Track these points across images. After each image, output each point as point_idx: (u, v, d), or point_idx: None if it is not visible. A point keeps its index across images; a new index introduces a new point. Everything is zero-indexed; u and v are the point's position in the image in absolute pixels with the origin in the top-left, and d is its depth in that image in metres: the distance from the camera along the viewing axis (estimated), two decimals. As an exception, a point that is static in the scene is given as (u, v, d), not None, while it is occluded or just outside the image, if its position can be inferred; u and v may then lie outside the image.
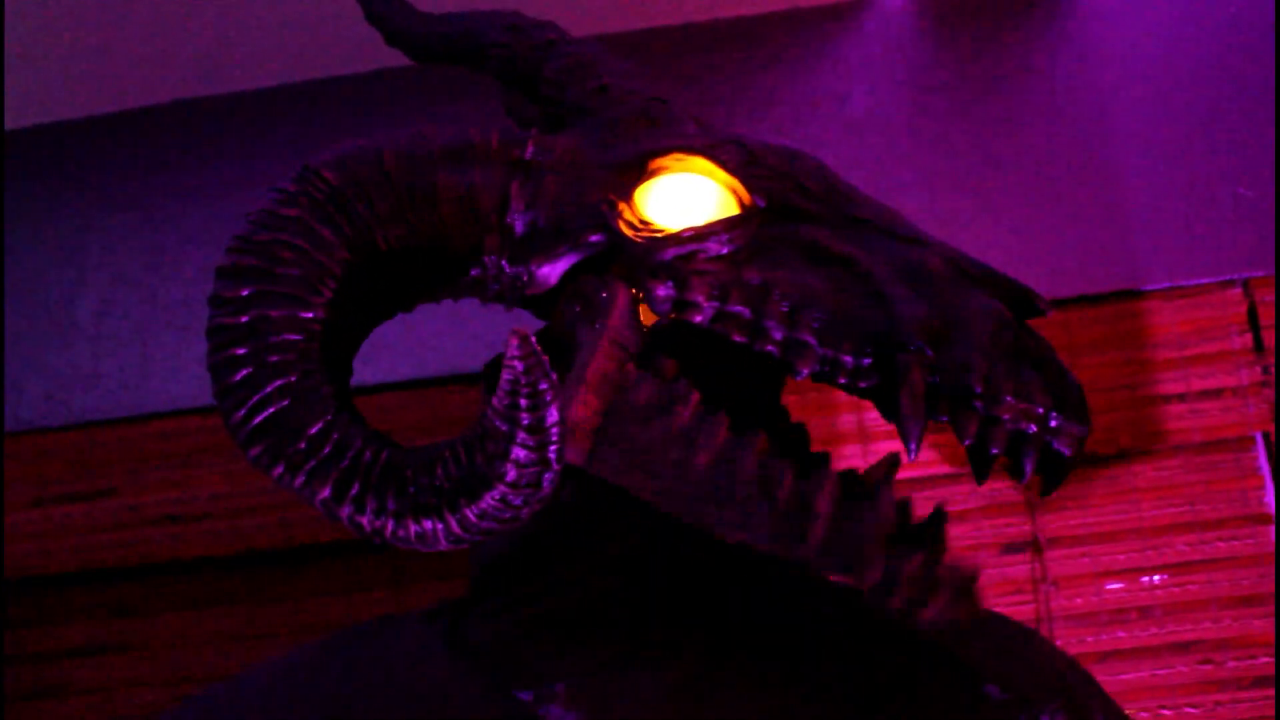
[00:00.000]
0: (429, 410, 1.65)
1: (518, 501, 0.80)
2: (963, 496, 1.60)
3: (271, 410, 0.84)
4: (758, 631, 0.98)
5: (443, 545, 0.82)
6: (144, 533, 1.73)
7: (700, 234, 0.91)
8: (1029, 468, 0.85)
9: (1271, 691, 1.50)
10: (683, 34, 1.78)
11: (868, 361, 0.87)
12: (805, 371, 0.89)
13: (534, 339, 0.77)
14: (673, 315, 0.91)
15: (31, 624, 1.75)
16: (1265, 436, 1.57)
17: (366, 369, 1.20)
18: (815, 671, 0.97)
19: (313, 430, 0.83)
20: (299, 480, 0.83)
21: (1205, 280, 1.61)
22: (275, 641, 1.65)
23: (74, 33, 1.74)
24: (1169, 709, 1.51)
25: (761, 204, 0.93)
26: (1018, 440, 0.85)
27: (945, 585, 0.87)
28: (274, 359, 0.84)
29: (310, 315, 0.86)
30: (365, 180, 0.91)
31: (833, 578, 0.88)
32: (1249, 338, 1.58)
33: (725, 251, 0.91)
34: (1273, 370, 1.57)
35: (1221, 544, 1.56)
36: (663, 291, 0.91)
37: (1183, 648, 1.54)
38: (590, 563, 0.97)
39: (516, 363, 0.77)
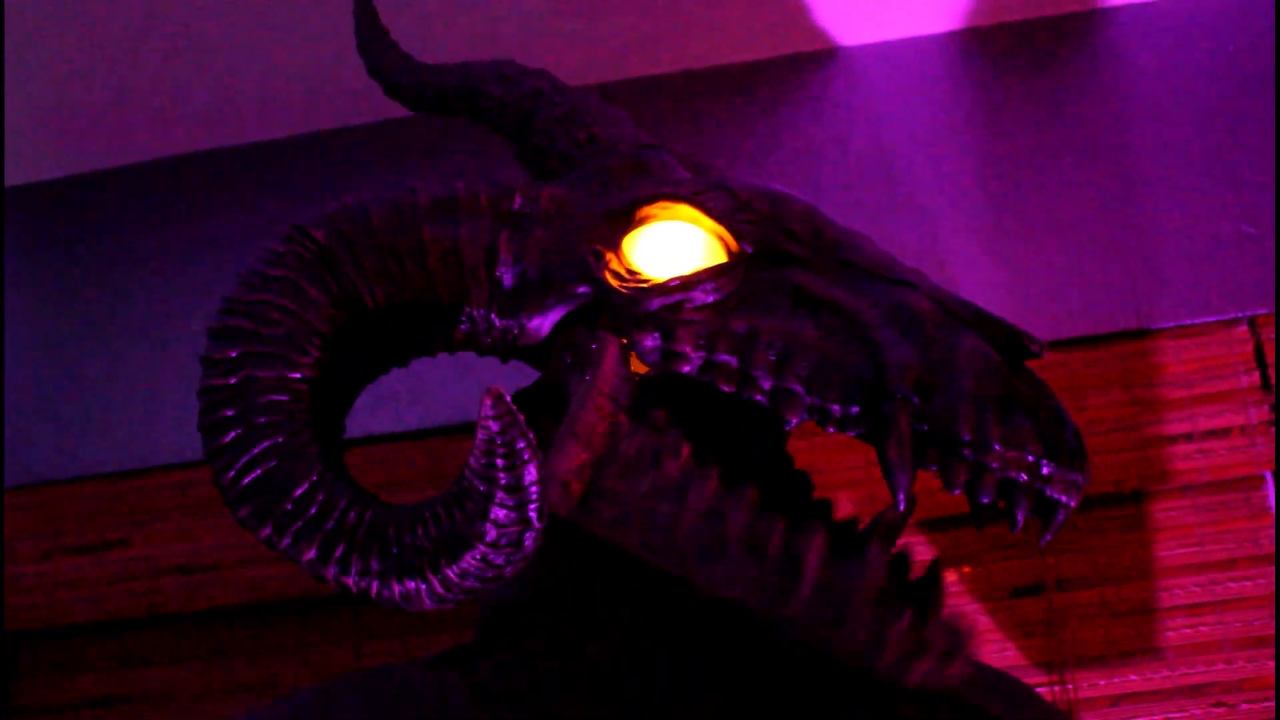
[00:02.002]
0: (434, 460, 1.66)
1: (499, 560, 0.80)
2: (973, 538, 1.59)
3: (259, 472, 0.84)
4: (776, 679, 0.98)
5: (427, 605, 0.83)
6: (154, 583, 1.74)
7: (686, 283, 0.91)
8: (1020, 516, 0.85)
9: (1287, 734, 1.49)
10: (684, 81, 1.80)
11: (855, 410, 0.87)
12: (794, 421, 0.89)
13: (509, 398, 0.77)
14: (662, 365, 0.91)
15: (42, 675, 1.76)
16: (1276, 474, 1.55)
17: (372, 419, 1.20)
18: None
19: (298, 491, 0.84)
20: (285, 541, 0.84)
21: (1211, 319, 1.60)
22: (285, 691, 1.65)
23: (81, 89, 1.78)
24: (1184, 752, 1.50)
25: (749, 250, 0.93)
26: (1008, 488, 0.84)
27: (933, 647, 0.86)
28: (261, 420, 0.85)
29: (298, 375, 0.87)
30: (352, 238, 0.92)
31: (818, 638, 0.87)
32: (1256, 375, 1.57)
33: (711, 300, 0.91)
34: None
35: (1233, 584, 1.54)
36: (650, 342, 0.91)
37: (1196, 690, 1.52)
38: (608, 615, 0.97)
39: (492, 423, 0.77)
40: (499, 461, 0.78)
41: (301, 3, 1.68)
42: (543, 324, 0.94)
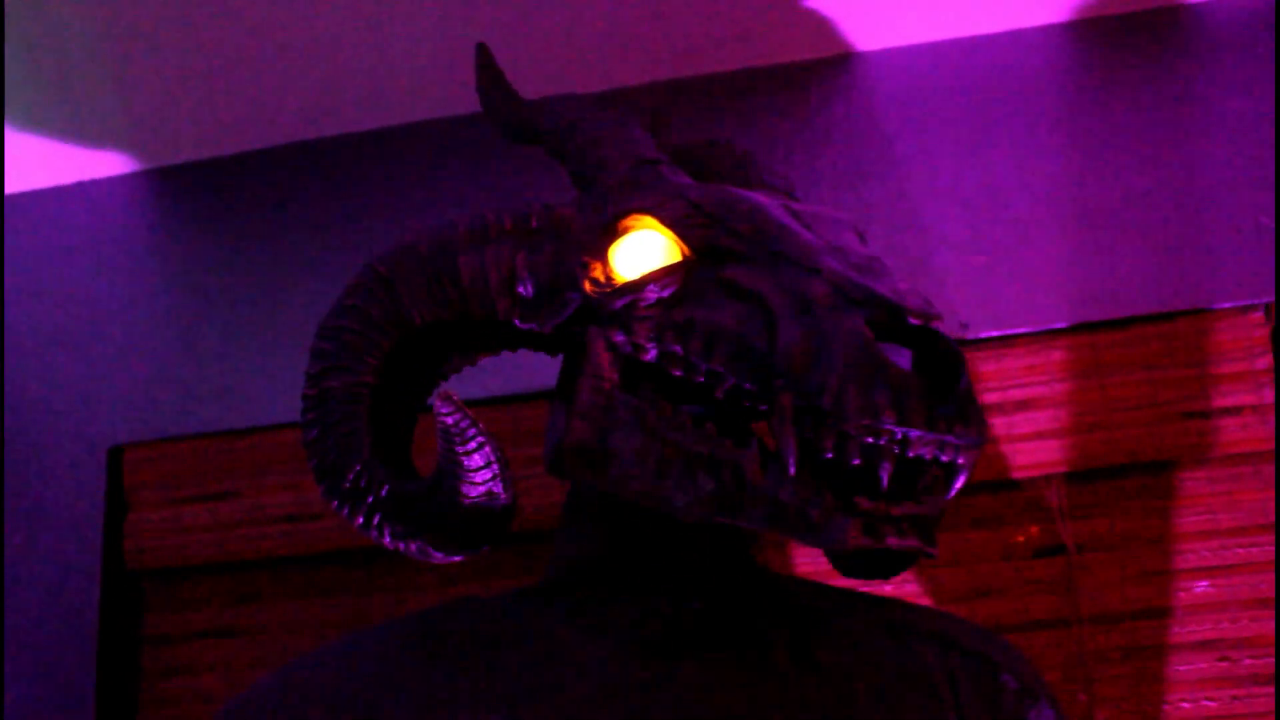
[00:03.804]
0: (516, 422, 1.82)
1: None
2: (999, 505, 1.73)
3: (328, 459, 1.08)
4: (819, 623, 1.12)
5: (438, 559, 1.07)
6: (265, 530, 1.89)
7: (635, 285, 1.05)
8: (884, 477, 0.93)
9: (1285, 687, 1.60)
10: (745, 79, 1.92)
11: (757, 388, 0.99)
12: (721, 397, 1.01)
13: (456, 395, 0.99)
14: (632, 356, 1.05)
15: (168, 610, 1.93)
16: None
17: (470, 385, 1.36)
18: (872, 663, 1.09)
19: (351, 474, 1.07)
20: (345, 511, 1.08)
21: (1227, 305, 1.70)
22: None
23: (197, 84, 1.91)
24: (1188, 702, 1.62)
25: (693, 251, 1.05)
26: (870, 452, 0.92)
27: (857, 519, 0.95)
28: (331, 420, 1.08)
29: (360, 381, 1.09)
30: (406, 268, 1.12)
31: (764, 531, 1.00)
32: (1269, 358, 1.67)
33: (660, 298, 1.04)
34: (1291, 389, 1.66)
35: (1241, 550, 1.66)
36: (618, 337, 1.05)
37: (1202, 646, 1.64)
38: (678, 567, 1.10)
39: (447, 419, 0.99)
40: (457, 449, 0.99)
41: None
42: (555, 326, 1.10)
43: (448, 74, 1.91)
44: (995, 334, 1.76)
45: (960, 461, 0.94)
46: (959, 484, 0.96)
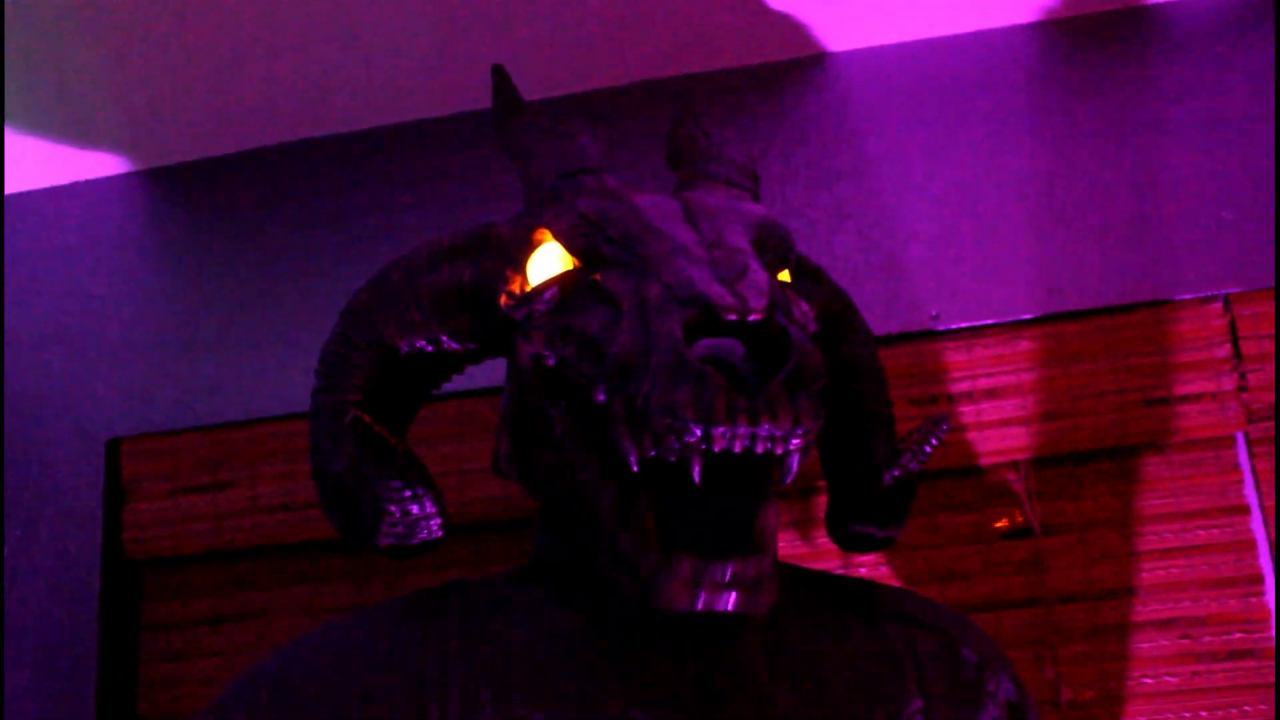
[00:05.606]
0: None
1: (401, 530, 1.14)
2: (969, 489, 1.79)
3: (317, 467, 1.19)
4: (791, 603, 1.17)
5: (382, 548, 1.16)
6: (261, 519, 1.94)
7: (528, 297, 1.10)
8: (695, 473, 0.95)
9: (1244, 664, 1.67)
10: (720, 79, 1.97)
11: (605, 389, 1.01)
12: (600, 398, 1.01)
13: (363, 415, 1.11)
14: (539, 362, 1.09)
15: (166, 598, 1.97)
16: (1245, 435, 1.72)
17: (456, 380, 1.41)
18: (842, 641, 1.16)
19: (330, 479, 1.17)
20: (325, 508, 1.19)
21: (1189, 296, 1.76)
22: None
23: (191, 86, 1.95)
24: (1150, 678, 1.69)
25: (579, 259, 1.09)
26: (685, 450, 0.94)
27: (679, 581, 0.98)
28: (320, 433, 1.18)
29: (346, 399, 1.17)
30: (381, 293, 1.19)
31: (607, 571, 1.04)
32: (1228, 348, 1.74)
33: (548, 307, 1.08)
34: (1249, 376, 1.72)
35: (1202, 532, 1.72)
36: (525, 347, 1.10)
37: (1164, 624, 1.70)
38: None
39: (353, 437, 1.12)
40: (371, 469, 1.12)
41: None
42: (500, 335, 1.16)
43: (436, 74, 1.95)
44: (965, 325, 1.81)
45: (778, 452, 0.94)
46: (789, 474, 0.97)
